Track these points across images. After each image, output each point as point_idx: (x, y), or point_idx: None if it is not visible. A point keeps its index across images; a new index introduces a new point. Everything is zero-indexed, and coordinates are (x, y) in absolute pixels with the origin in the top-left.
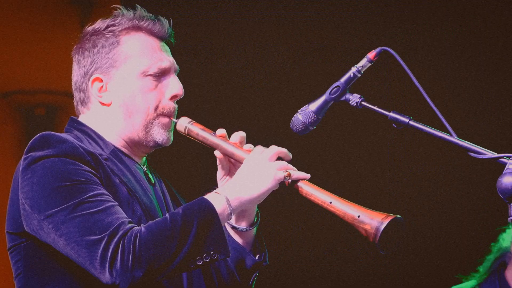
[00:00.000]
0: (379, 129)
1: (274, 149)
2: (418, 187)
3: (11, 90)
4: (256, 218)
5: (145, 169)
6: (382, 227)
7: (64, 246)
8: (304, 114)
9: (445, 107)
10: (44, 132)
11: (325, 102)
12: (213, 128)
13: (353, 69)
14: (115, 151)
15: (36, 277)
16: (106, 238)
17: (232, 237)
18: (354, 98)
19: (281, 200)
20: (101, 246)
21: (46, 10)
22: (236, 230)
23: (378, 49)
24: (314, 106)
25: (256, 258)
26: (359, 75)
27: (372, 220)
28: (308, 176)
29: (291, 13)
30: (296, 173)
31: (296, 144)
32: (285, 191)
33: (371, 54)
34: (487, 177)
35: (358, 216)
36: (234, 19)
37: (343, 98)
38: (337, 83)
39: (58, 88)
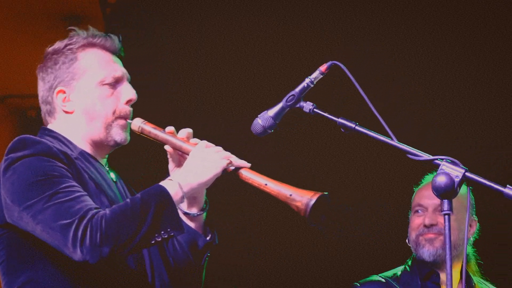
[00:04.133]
0: (329, 134)
1: (218, 147)
2: (363, 184)
3: (7, 95)
4: (205, 205)
5: (107, 168)
6: (311, 203)
7: (41, 232)
8: (263, 119)
9: (387, 114)
10: (21, 136)
11: (282, 109)
12: (163, 126)
13: (307, 80)
14: (82, 152)
15: (17, 263)
16: (76, 221)
17: (185, 222)
18: (307, 106)
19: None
20: (72, 228)
21: (40, 25)
22: (188, 215)
23: (329, 63)
24: (272, 112)
25: (207, 238)
26: (312, 85)
27: (302, 198)
28: (249, 165)
29: (253, 24)
30: (237, 162)
31: (257, 146)
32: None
33: (323, 67)
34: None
35: (290, 195)
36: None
37: (298, 105)
38: (292, 92)
39: None
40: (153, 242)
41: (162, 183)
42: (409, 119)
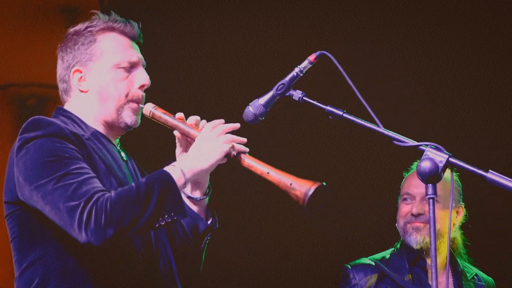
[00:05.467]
0: (318, 121)
1: (222, 127)
2: (351, 169)
3: (7, 83)
4: (208, 190)
5: (119, 148)
6: (310, 192)
7: (49, 212)
8: (254, 107)
9: (374, 102)
10: (35, 116)
11: (272, 97)
12: (174, 112)
13: (296, 69)
14: (95, 133)
15: (28, 240)
16: (82, 203)
17: (188, 205)
18: (297, 94)
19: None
20: (78, 211)
21: (38, 16)
22: (191, 199)
23: (317, 53)
24: (263, 100)
25: (208, 223)
26: (301, 75)
27: (301, 187)
28: (247, 149)
29: (246, 17)
30: (238, 146)
31: (247, 132)
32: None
33: (312, 57)
34: (409, 162)
35: (290, 184)
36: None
37: (287, 94)
38: (282, 81)
39: (47, 82)
40: (156, 225)
41: (166, 168)
42: (408, 118)
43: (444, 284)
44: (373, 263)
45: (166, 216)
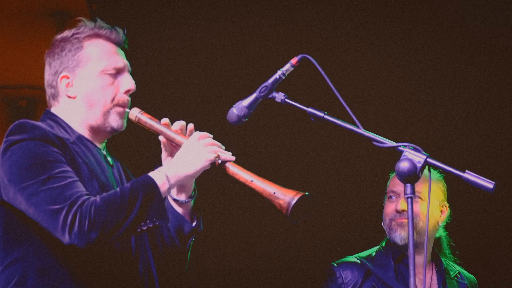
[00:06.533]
0: (300, 122)
1: (210, 138)
2: (332, 169)
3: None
4: (193, 193)
5: (105, 152)
6: (293, 202)
7: (33, 214)
8: (238, 108)
9: (355, 104)
10: (21, 120)
11: (256, 99)
12: (159, 117)
13: (279, 72)
14: (80, 137)
15: (12, 240)
16: (66, 207)
17: (173, 207)
18: (279, 96)
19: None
20: (62, 214)
21: (29, 20)
22: (177, 202)
23: (299, 56)
24: (246, 102)
25: (193, 224)
26: (283, 77)
27: (285, 196)
28: (233, 158)
29: (228, 20)
30: (223, 155)
31: (231, 133)
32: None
33: (294, 60)
34: (388, 163)
35: (274, 193)
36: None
37: (270, 96)
38: (265, 83)
39: (38, 84)
40: (138, 230)
41: (151, 173)
42: (389, 120)
43: (428, 280)
44: (358, 261)
45: (148, 221)
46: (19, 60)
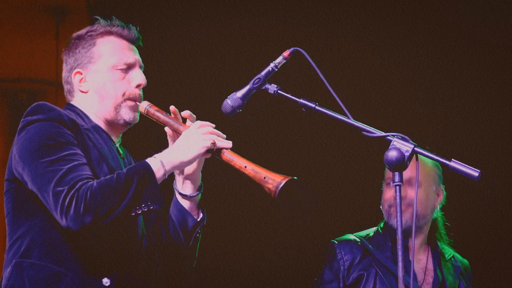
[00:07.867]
0: (294, 114)
1: (209, 127)
2: (324, 159)
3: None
4: (200, 187)
5: (118, 145)
6: (281, 185)
7: (37, 192)
8: (232, 100)
9: (345, 96)
10: (39, 102)
11: (249, 90)
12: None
13: (272, 65)
14: (96, 126)
15: (19, 216)
16: (66, 190)
17: (179, 202)
18: (272, 88)
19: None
20: (62, 196)
21: (27, 15)
22: (183, 196)
23: (291, 49)
24: (240, 93)
25: (197, 219)
26: (276, 69)
27: (274, 181)
28: (230, 144)
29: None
30: (220, 143)
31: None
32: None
33: (286, 53)
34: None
35: (264, 178)
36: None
37: (263, 87)
38: (258, 76)
39: (38, 77)
40: (133, 214)
41: (147, 160)
42: (378, 110)
43: (424, 261)
44: (358, 240)
45: (143, 205)
46: (20, 53)
